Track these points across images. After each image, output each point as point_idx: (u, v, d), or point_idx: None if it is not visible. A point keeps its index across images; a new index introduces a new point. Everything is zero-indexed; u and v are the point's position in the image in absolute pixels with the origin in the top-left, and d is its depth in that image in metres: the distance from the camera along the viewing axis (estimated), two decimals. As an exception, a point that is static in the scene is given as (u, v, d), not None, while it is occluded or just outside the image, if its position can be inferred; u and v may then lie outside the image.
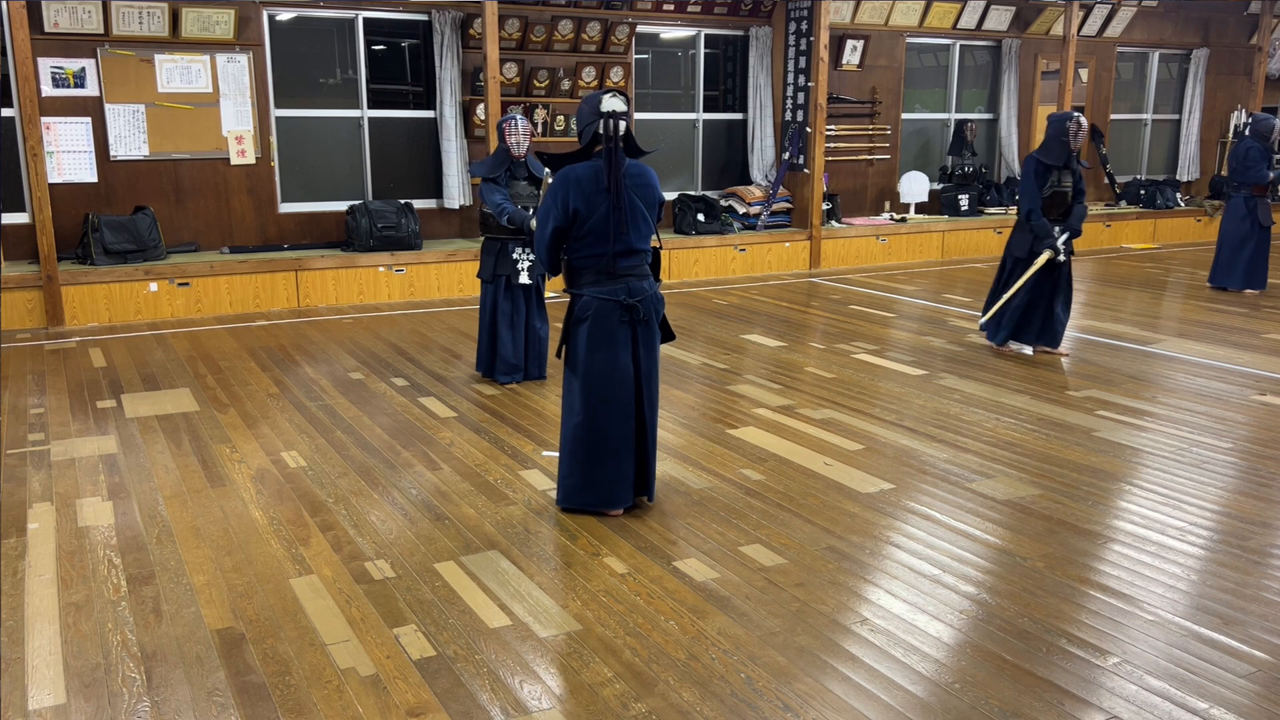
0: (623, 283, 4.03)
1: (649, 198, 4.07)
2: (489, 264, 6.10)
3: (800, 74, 10.75)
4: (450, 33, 9.33)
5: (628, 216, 3.97)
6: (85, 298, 7.90)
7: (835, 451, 4.98)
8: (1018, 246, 6.93)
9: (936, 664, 3.07)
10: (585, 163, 4.02)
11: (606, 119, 3.92)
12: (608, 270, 4.00)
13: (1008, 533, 4.03)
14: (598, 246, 3.99)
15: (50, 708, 2.85)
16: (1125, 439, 5.18)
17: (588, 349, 4.04)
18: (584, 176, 3.96)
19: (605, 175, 3.94)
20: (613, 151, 3.93)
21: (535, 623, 3.31)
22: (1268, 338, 7.55)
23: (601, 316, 4.02)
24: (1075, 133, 6.61)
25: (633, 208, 3.99)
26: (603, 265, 4.01)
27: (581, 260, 4.04)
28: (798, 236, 10.74)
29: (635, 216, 4.01)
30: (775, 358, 6.93)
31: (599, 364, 4.03)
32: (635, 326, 4.06)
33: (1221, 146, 14.46)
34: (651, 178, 4.11)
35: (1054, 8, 12.15)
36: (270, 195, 9.03)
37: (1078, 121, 6.62)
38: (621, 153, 3.96)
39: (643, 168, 4.09)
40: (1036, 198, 6.74)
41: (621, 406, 4.06)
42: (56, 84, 8.13)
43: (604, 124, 3.92)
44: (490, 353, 6.21)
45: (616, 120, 3.92)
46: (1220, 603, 3.45)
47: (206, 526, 4.08)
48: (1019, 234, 6.94)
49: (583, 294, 4.06)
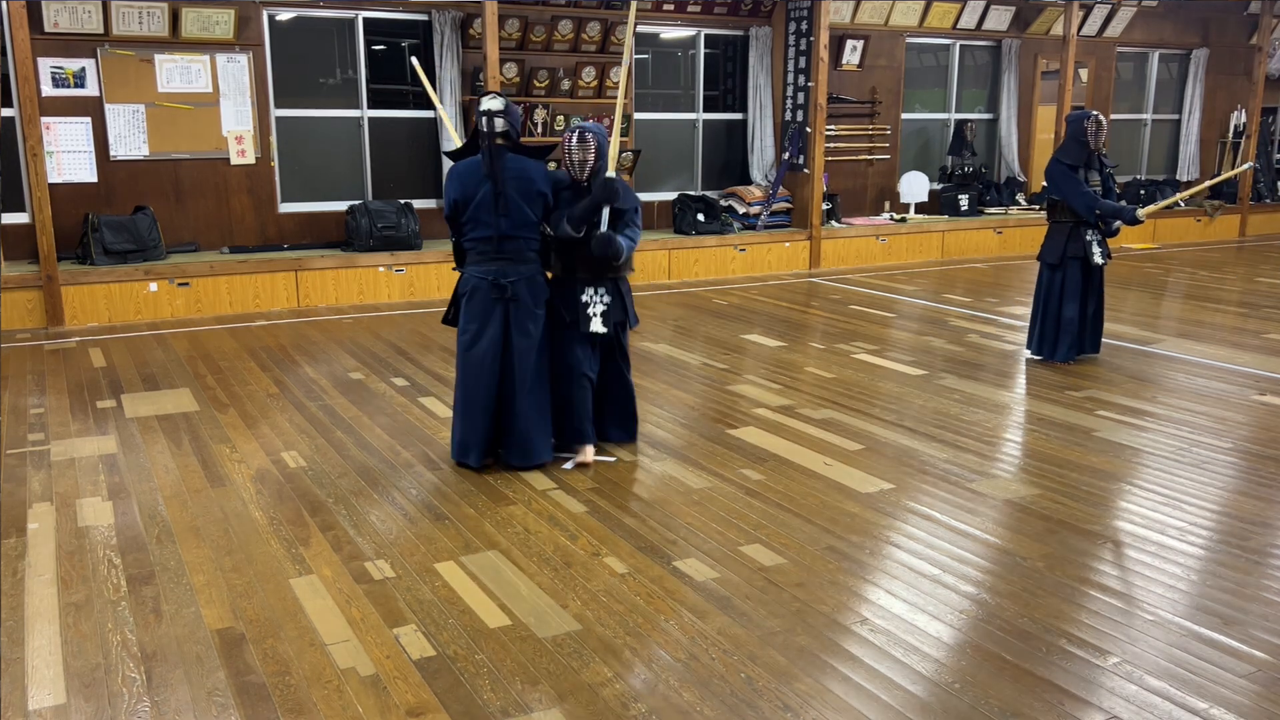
0: (498, 265, 4.53)
1: (526, 190, 4.50)
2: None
3: (800, 74, 10.75)
4: (450, 33, 9.33)
5: (504, 205, 4.47)
6: (85, 298, 7.90)
7: (835, 451, 4.98)
8: (1049, 253, 6.68)
9: (936, 664, 3.07)
10: (471, 157, 4.56)
11: (480, 117, 4.49)
12: (487, 253, 4.54)
13: (1008, 533, 4.03)
14: (478, 231, 4.53)
15: (50, 708, 2.85)
16: (1125, 439, 5.18)
17: (464, 320, 4.63)
18: (464, 169, 4.55)
19: (485, 167, 4.47)
20: (489, 147, 4.46)
21: (535, 623, 3.31)
22: (1268, 338, 7.56)
23: (476, 293, 4.56)
24: (1094, 131, 6.43)
25: (509, 198, 4.47)
26: (484, 249, 4.55)
27: (468, 243, 4.60)
28: (798, 236, 10.74)
29: (510, 206, 4.48)
30: (775, 358, 6.93)
31: (471, 334, 4.59)
32: (508, 304, 4.54)
33: (1221, 146, 14.46)
34: (532, 171, 4.53)
35: (1054, 8, 12.15)
36: (270, 195, 9.03)
37: (1096, 120, 6.44)
38: (500, 148, 4.48)
39: (524, 162, 4.53)
40: (1083, 189, 6.45)
41: (486, 374, 4.58)
42: (56, 84, 8.13)
43: (480, 121, 4.48)
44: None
45: (491, 118, 4.47)
46: (1220, 603, 3.45)
47: (206, 526, 4.08)
48: (1049, 241, 6.70)
49: (465, 272, 4.64)
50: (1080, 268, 6.58)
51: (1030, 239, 12.12)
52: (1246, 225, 13.95)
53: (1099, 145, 6.51)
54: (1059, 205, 6.64)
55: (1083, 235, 6.55)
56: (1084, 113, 6.55)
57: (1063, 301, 6.63)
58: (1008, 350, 7.17)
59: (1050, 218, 6.79)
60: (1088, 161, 6.53)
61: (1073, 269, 6.59)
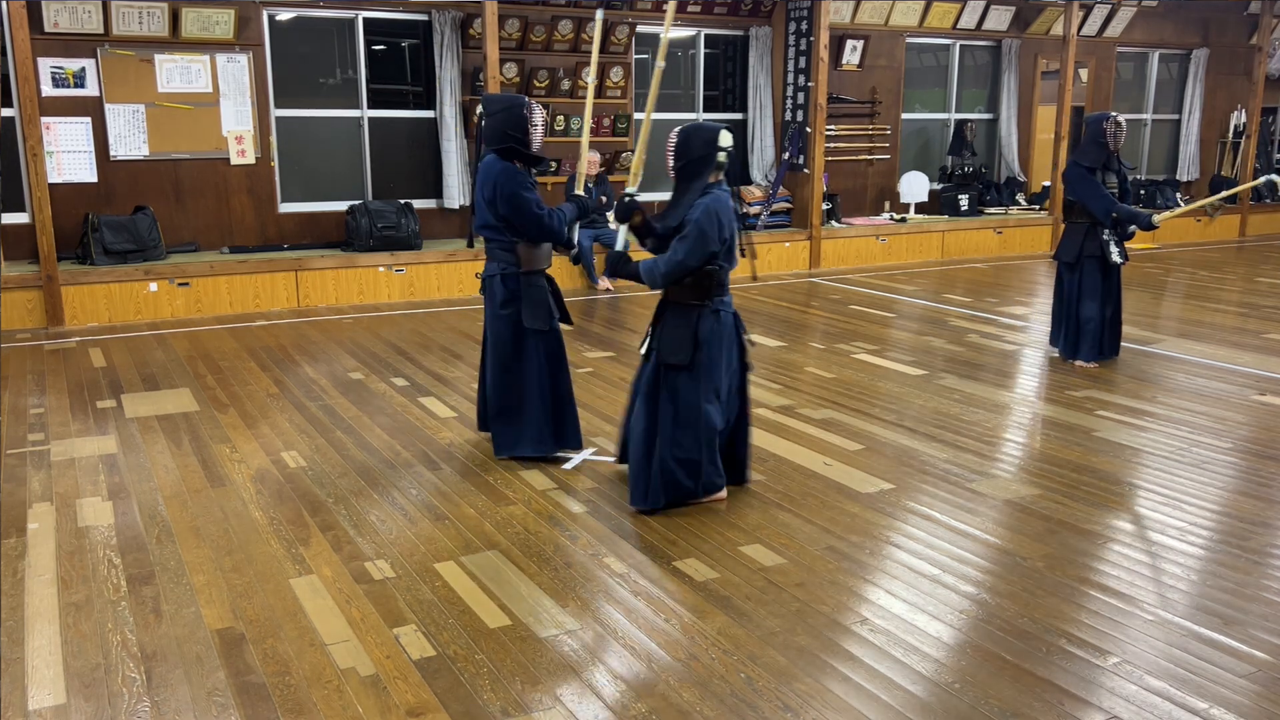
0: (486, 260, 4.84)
1: (482, 190, 4.67)
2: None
3: (800, 74, 10.75)
4: (450, 33, 9.33)
5: (474, 204, 4.79)
6: (85, 298, 7.90)
7: (835, 451, 4.98)
8: (1065, 252, 6.67)
9: (936, 664, 3.07)
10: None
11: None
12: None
13: (1008, 533, 4.03)
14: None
15: (50, 708, 2.85)
16: (1125, 439, 5.18)
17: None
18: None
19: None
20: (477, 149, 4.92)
21: (535, 623, 3.31)
22: (1268, 338, 7.56)
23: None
24: (1114, 133, 6.39)
25: (475, 198, 4.77)
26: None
27: None
28: (798, 236, 10.74)
29: (476, 205, 4.77)
30: (775, 358, 6.92)
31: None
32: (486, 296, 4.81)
33: (1221, 146, 14.46)
34: (487, 175, 4.62)
35: (1054, 8, 12.15)
36: (270, 195, 9.03)
37: (1115, 121, 6.41)
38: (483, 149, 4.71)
39: (487, 163, 4.66)
40: (1102, 192, 6.44)
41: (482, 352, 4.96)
42: (56, 84, 8.13)
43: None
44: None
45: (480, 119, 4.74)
46: (1220, 603, 3.45)
47: (206, 526, 4.08)
48: (1066, 240, 6.68)
49: None
50: (1098, 266, 6.56)
51: (1030, 239, 12.13)
52: (1246, 225, 13.95)
53: (1118, 147, 6.47)
54: (1076, 206, 6.62)
55: (1099, 234, 6.52)
56: (1104, 114, 6.51)
57: (1080, 301, 6.62)
58: (1008, 350, 7.17)
59: (1066, 218, 6.79)
60: (1106, 163, 6.50)
61: (1090, 268, 6.57)
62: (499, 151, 4.61)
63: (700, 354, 4.12)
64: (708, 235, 3.99)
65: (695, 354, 4.11)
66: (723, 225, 4.03)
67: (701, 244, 4.00)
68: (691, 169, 4.08)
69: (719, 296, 4.14)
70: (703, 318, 4.12)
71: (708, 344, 4.12)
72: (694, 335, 4.11)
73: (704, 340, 4.12)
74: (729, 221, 4.07)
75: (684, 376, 4.14)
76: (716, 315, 4.14)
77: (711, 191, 4.06)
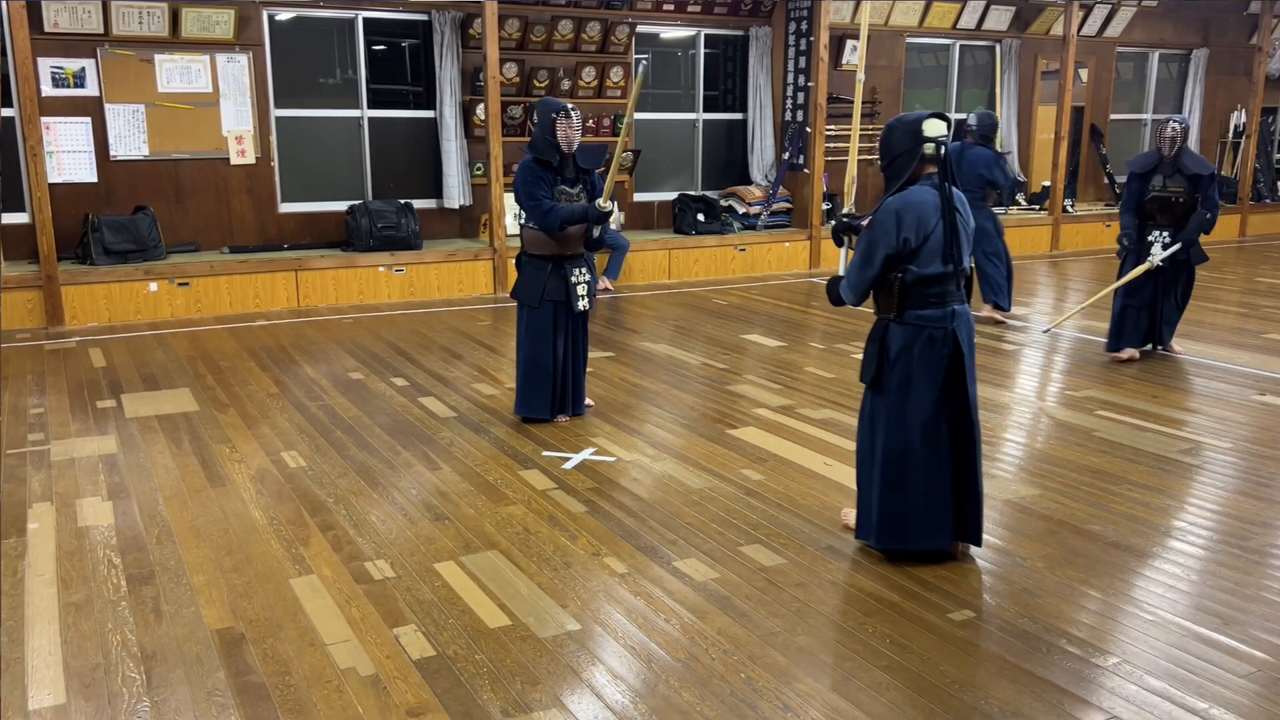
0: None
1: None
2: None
3: (800, 74, 10.75)
4: (450, 33, 9.33)
5: None
6: (85, 298, 7.89)
7: (835, 451, 4.98)
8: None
9: (936, 664, 3.06)
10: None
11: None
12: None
13: (1008, 533, 4.03)
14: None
15: (50, 708, 2.85)
16: (1125, 439, 5.18)
17: None
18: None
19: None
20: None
21: (535, 623, 3.31)
22: (1268, 338, 7.56)
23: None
24: (1167, 136, 6.49)
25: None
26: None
27: None
28: (798, 236, 10.74)
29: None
30: (775, 358, 6.93)
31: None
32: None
33: (1221, 146, 14.46)
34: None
35: (1054, 8, 12.15)
36: (270, 195, 9.03)
37: (1170, 125, 6.50)
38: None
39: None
40: (1128, 198, 6.74)
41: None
42: (56, 84, 8.13)
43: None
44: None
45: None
46: (1220, 603, 3.45)
47: (206, 526, 4.08)
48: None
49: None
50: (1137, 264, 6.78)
51: (1030, 239, 12.13)
52: (1246, 225, 13.95)
53: (1172, 152, 6.51)
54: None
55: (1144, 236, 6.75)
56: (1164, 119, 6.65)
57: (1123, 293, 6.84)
58: (1007, 350, 7.18)
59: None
60: (1157, 166, 6.61)
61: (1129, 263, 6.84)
62: (529, 147, 5.22)
63: (891, 374, 3.67)
64: (874, 240, 3.59)
65: (880, 373, 3.69)
66: (903, 226, 3.54)
67: (869, 250, 3.61)
68: (898, 166, 3.65)
69: (914, 309, 3.62)
70: (890, 332, 3.69)
71: (899, 364, 3.65)
72: (879, 352, 3.69)
73: (893, 359, 3.66)
74: (921, 220, 3.55)
75: (876, 400, 3.73)
76: (919, 331, 3.63)
77: (913, 187, 3.62)
